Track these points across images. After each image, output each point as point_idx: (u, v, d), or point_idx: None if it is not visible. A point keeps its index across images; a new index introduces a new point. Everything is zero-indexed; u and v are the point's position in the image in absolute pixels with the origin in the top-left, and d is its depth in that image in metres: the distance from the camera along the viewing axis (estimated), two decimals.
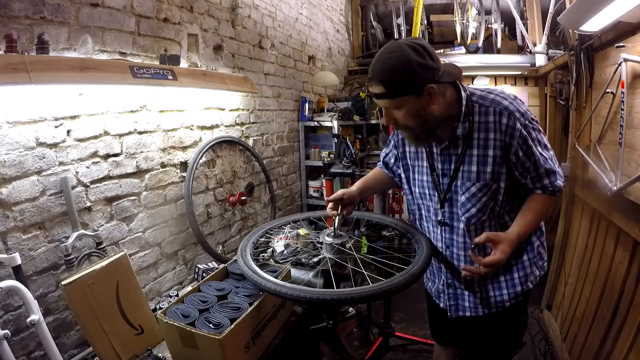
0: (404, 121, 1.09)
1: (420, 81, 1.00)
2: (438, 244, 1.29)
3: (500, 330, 1.30)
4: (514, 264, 1.22)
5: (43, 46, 1.22)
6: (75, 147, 1.44)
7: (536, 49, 3.12)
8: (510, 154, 1.09)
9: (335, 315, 2.37)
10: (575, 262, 2.12)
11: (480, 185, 1.14)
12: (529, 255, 1.22)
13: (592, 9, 1.40)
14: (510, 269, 1.22)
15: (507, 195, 1.16)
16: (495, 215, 1.18)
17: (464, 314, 1.29)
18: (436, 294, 1.39)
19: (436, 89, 1.02)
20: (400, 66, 0.99)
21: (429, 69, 1.00)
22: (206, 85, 1.88)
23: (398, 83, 1.01)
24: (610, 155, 1.71)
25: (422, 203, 1.31)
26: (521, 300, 1.25)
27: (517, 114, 1.07)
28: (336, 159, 2.98)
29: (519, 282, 1.22)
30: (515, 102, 1.10)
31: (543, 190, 1.13)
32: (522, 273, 1.22)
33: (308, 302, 1.06)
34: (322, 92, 3.48)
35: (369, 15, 4.66)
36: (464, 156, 1.14)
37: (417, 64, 0.98)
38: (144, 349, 1.38)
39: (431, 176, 1.23)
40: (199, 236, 1.94)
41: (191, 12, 1.98)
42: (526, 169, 1.10)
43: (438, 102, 1.05)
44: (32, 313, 1.12)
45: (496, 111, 1.08)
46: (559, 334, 2.14)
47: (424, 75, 1.00)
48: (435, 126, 1.11)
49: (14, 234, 1.25)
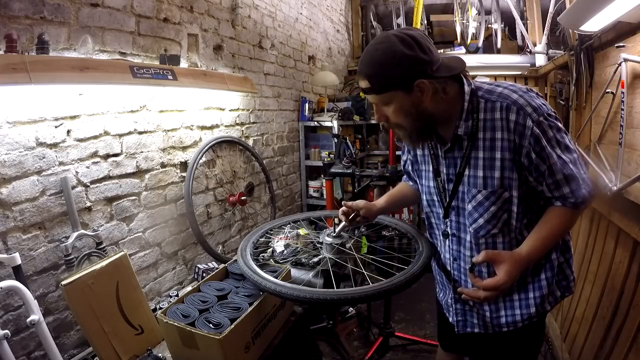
0: (394, 119, 0.99)
1: (409, 76, 0.91)
2: (446, 255, 1.17)
3: (511, 349, 1.18)
4: (530, 281, 1.08)
5: (43, 46, 1.22)
6: (75, 147, 1.44)
7: (536, 49, 3.12)
8: (522, 156, 0.94)
9: (335, 315, 2.37)
10: (575, 262, 2.10)
11: (487, 193, 1.00)
12: (547, 274, 1.07)
13: (592, 9, 1.40)
14: (526, 287, 1.08)
15: (524, 207, 1.01)
16: (511, 229, 1.03)
17: (472, 330, 1.18)
18: (445, 306, 1.27)
19: (428, 84, 0.91)
20: (386, 59, 0.90)
21: (419, 62, 0.90)
22: (206, 85, 1.88)
23: (384, 78, 0.93)
24: (610, 155, 1.71)
25: (432, 211, 1.20)
26: (536, 322, 1.11)
27: (529, 108, 0.92)
28: (336, 159, 2.98)
29: (534, 302, 1.07)
30: (527, 94, 0.95)
31: (563, 201, 0.96)
32: (537, 293, 1.07)
33: (308, 302, 1.06)
34: (322, 92, 3.48)
35: (369, 15, 4.67)
36: (469, 159, 1.01)
37: (405, 57, 0.89)
38: (144, 349, 1.38)
39: (435, 181, 1.13)
40: (199, 236, 1.94)
41: (191, 12, 1.98)
42: (541, 174, 0.95)
43: (433, 99, 0.94)
44: (32, 313, 1.12)
45: (503, 106, 0.94)
46: (559, 334, 2.14)
47: (413, 69, 0.90)
48: (431, 125, 1.01)
49: (14, 234, 1.25)
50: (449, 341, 1.44)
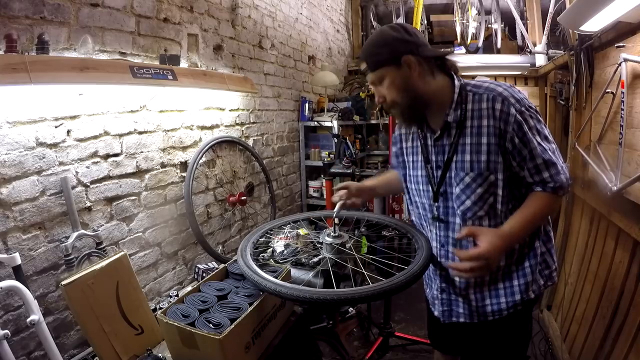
0: (389, 95, 1.10)
1: (396, 52, 1.05)
2: (433, 243, 1.24)
3: (499, 340, 1.22)
4: (514, 270, 1.15)
5: (43, 46, 1.22)
6: (75, 147, 1.44)
7: (536, 49, 3.12)
8: (506, 141, 1.04)
9: (335, 315, 2.37)
10: (575, 262, 2.12)
11: (474, 175, 1.09)
12: (531, 262, 1.14)
13: (592, 9, 1.40)
14: (510, 276, 1.15)
15: (508, 191, 1.09)
16: (496, 214, 1.11)
17: (457, 319, 1.24)
18: (431, 300, 1.34)
19: (414, 60, 1.05)
20: (377, 41, 1.09)
21: (405, 42, 1.05)
22: (206, 85, 1.88)
23: (375, 55, 1.08)
24: (610, 155, 1.71)
25: (418, 201, 1.27)
26: (521, 310, 1.16)
27: (512, 99, 1.04)
28: (336, 159, 2.98)
29: (519, 290, 1.14)
30: (511, 89, 1.06)
31: (543, 186, 1.06)
32: (522, 280, 1.14)
33: (308, 302, 1.06)
34: (322, 92, 3.48)
35: (369, 15, 4.67)
36: (457, 145, 1.11)
37: (392, 38, 1.06)
38: (144, 349, 1.38)
39: (425, 169, 1.20)
40: (199, 236, 1.94)
41: (191, 12, 1.98)
42: (523, 158, 1.05)
43: (422, 77, 1.07)
44: (32, 313, 1.12)
45: (489, 97, 1.06)
46: (559, 334, 2.14)
47: (399, 47, 1.05)
48: (420, 105, 1.11)
49: (14, 234, 1.25)
50: (438, 338, 1.47)
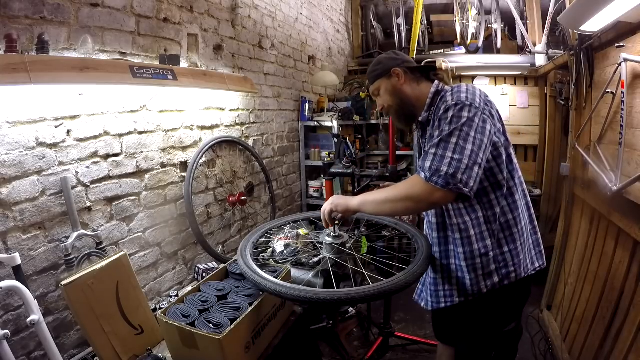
0: (386, 101, 1.33)
1: (387, 66, 1.31)
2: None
3: (461, 329, 1.35)
4: (465, 265, 1.25)
5: (43, 46, 1.22)
6: (75, 147, 1.44)
7: (536, 49, 3.12)
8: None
9: (335, 315, 2.37)
10: (575, 262, 2.12)
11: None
12: (483, 260, 1.22)
13: (592, 9, 1.40)
14: (449, 271, 1.30)
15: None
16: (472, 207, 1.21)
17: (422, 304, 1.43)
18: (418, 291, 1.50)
19: (401, 71, 1.28)
20: (374, 62, 1.37)
21: (393, 59, 1.32)
22: (206, 85, 1.88)
23: (373, 72, 1.35)
24: (610, 155, 1.71)
25: None
26: (473, 302, 1.26)
27: (454, 97, 1.14)
28: (336, 159, 2.98)
29: (469, 283, 1.25)
30: (468, 93, 1.14)
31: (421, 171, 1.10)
32: (472, 275, 1.24)
33: (308, 302, 1.06)
34: (322, 92, 3.48)
35: (369, 15, 4.66)
36: (427, 141, 1.30)
37: (384, 58, 1.35)
38: (144, 349, 1.38)
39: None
40: (199, 236, 1.94)
41: (191, 12, 1.98)
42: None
43: (409, 85, 1.29)
44: (32, 313, 1.12)
45: (447, 100, 1.16)
46: (559, 334, 2.14)
47: (390, 63, 1.31)
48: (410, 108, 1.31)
49: (14, 234, 1.25)
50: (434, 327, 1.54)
